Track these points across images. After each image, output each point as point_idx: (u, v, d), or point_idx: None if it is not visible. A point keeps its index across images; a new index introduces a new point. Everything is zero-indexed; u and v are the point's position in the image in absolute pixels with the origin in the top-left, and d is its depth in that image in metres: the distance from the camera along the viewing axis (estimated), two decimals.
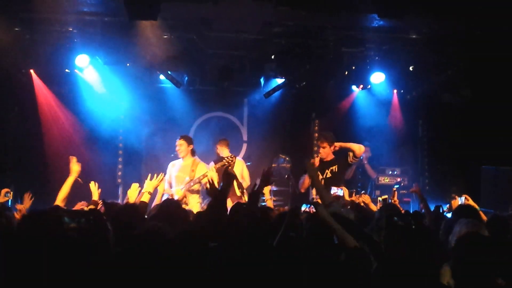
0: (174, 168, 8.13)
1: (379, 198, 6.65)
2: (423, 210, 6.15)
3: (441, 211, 5.96)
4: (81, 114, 10.02)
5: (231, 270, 3.11)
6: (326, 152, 7.33)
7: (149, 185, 5.85)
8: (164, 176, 6.19)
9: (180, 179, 7.88)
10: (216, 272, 3.06)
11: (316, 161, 7.30)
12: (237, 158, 9.17)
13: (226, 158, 7.83)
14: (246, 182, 8.53)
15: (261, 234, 3.62)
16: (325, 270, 3.10)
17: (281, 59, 9.43)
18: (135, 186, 5.79)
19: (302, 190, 7.55)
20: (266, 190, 5.89)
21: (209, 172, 7.31)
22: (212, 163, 8.12)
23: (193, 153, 8.11)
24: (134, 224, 3.72)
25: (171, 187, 7.93)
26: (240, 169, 8.73)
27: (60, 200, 5.65)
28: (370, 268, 3.32)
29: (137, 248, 2.87)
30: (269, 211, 5.07)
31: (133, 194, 5.69)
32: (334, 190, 6.56)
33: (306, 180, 7.32)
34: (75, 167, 5.90)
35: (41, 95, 9.82)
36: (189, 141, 8.11)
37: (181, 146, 8.04)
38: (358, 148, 7.24)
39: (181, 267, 2.87)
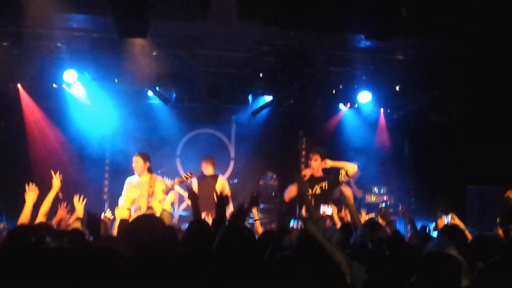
0: (131, 184, 8.08)
1: (366, 217, 6.64)
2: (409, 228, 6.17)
3: (427, 230, 5.97)
4: (68, 130, 9.98)
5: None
6: (317, 166, 7.33)
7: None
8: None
9: (137, 195, 7.78)
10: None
11: (307, 173, 7.29)
12: (220, 176, 9.17)
13: (184, 175, 7.88)
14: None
15: (248, 251, 3.61)
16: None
17: (269, 77, 9.49)
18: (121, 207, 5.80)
19: (286, 200, 7.52)
20: (255, 210, 5.91)
21: (158, 195, 7.50)
22: (167, 179, 8.08)
23: (150, 170, 8.09)
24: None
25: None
26: (220, 188, 8.73)
27: (41, 215, 5.62)
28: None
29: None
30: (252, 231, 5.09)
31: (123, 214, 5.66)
32: (324, 208, 6.54)
33: (292, 191, 7.30)
34: (56, 182, 5.90)
35: (28, 110, 9.77)
36: (145, 158, 8.07)
37: (137, 163, 7.99)
38: (352, 167, 7.23)
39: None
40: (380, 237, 3.82)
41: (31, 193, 5.70)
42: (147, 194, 7.81)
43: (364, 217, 6.27)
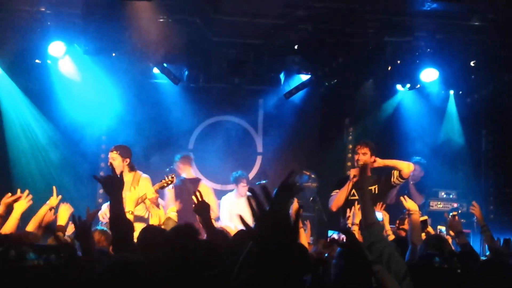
0: None
1: (439, 227, 6.58)
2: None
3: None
4: (55, 117, 10.08)
5: None
6: (366, 160, 7.31)
7: None
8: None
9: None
10: None
11: (355, 172, 7.26)
12: (202, 182, 9.01)
13: (166, 178, 7.83)
14: (214, 213, 8.47)
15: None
16: None
17: (306, 50, 9.43)
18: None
19: (334, 209, 7.52)
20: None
21: (148, 194, 7.45)
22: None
23: (131, 167, 8.08)
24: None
25: None
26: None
27: (33, 226, 5.80)
28: None
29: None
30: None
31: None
32: None
33: (340, 197, 7.25)
34: (53, 200, 6.10)
35: (5, 91, 9.90)
36: (124, 153, 8.02)
37: (114, 160, 7.92)
38: (407, 167, 7.20)
39: None
40: (451, 251, 3.78)
41: (22, 202, 5.87)
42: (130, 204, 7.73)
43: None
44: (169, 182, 7.75)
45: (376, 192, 7.32)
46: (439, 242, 4.93)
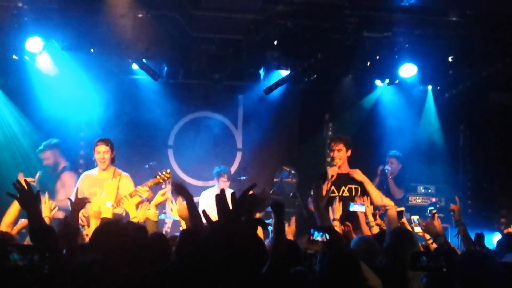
0: (87, 181, 7.95)
1: (412, 217, 6.62)
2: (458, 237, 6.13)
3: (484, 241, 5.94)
4: (33, 114, 10.00)
5: None
6: (342, 157, 7.31)
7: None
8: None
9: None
10: None
11: (334, 172, 7.25)
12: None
13: (160, 174, 7.70)
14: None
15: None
16: None
17: (286, 45, 9.42)
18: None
19: (312, 209, 7.51)
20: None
21: (140, 190, 7.30)
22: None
23: (113, 162, 8.01)
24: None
25: None
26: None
27: (5, 225, 5.76)
28: None
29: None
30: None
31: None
32: (355, 206, 6.54)
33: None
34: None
35: None
36: (112, 146, 7.96)
37: (105, 153, 7.86)
38: (378, 199, 6.87)
39: None
40: (438, 250, 3.82)
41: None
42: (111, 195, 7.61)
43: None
44: (165, 178, 7.66)
45: (358, 194, 7.28)
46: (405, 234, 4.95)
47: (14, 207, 5.92)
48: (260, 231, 6.12)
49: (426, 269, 3.64)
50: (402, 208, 6.84)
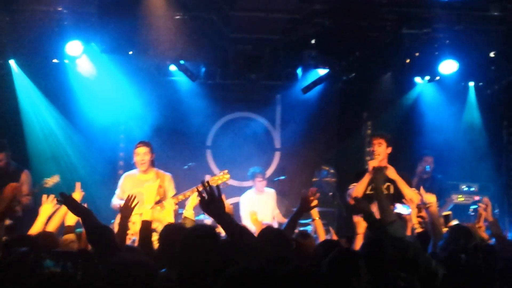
0: (130, 182, 7.96)
1: (444, 213, 6.52)
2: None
3: None
4: (73, 116, 10.16)
5: None
6: (381, 152, 7.24)
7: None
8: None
9: (143, 197, 7.73)
10: None
11: (374, 164, 7.16)
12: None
13: (218, 175, 7.82)
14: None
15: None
16: None
17: (323, 44, 9.41)
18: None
19: (352, 202, 7.44)
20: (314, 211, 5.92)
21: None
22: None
23: (153, 164, 8.02)
24: None
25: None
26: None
27: (52, 227, 5.84)
28: None
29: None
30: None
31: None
32: (399, 208, 6.45)
33: (358, 189, 7.11)
34: (77, 196, 6.09)
35: (23, 91, 9.98)
36: (152, 148, 7.98)
37: (145, 155, 7.87)
38: (412, 196, 6.66)
39: None
40: (476, 245, 3.76)
41: (47, 206, 5.95)
42: (158, 195, 7.58)
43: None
44: (224, 179, 7.78)
45: (391, 191, 7.19)
46: (463, 234, 4.88)
47: (61, 212, 5.97)
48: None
49: (464, 266, 3.58)
50: (449, 212, 6.73)
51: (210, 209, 3.66)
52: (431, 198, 6.08)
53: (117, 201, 7.90)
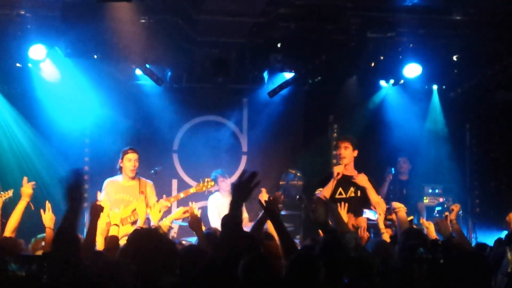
0: (112, 187, 8.02)
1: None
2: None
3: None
4: (37, 121, 10.01)
5: None
6: (348, 155, 7.29)
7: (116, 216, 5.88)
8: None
9: (125, 203, 7.78)
10: None
11: (340, 170, 7.22)
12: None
13: (202, 182, 7.93)
14: None
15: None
16: None
17: (289, 48, 9.45)
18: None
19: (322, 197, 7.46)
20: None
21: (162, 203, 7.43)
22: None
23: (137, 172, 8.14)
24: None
25: None
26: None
27: (9, 230, 5.75)
28: None
29: None
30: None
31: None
32: (367, 212, 6.51)
33: (324, 194, 7.15)
34: (26, 190, 6.00)
35: None
36: (139, 156, 8.12)
37: (136, 162, 7.98)
38: (378, 204, 6.80)
39: None
40: (434, 241, 3.86)
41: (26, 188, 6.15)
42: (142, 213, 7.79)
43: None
44: (209, 187, 8.08)
45: (358, 194, 7.25)
46: (419, 234, 4.96)
47: (17, 212, 5.92)
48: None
49: (423, 261, 3.65)
50: (411, 217, 6.82)
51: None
52: (398, 204, 6.19)
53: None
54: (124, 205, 7.61)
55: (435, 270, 3.48)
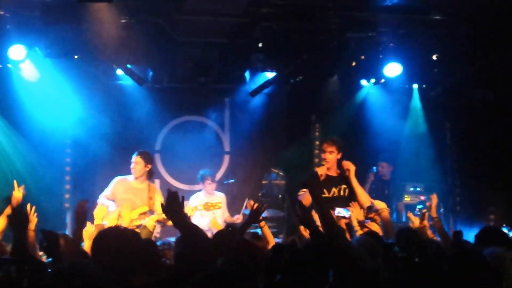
0: (122, 186, 8.14)
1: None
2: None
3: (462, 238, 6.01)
4: (17, 121, 9.95)
5: None
6: (332, 159, 7.32)
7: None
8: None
9: (132, 203, 7.90)
10: None
11: (322, 171, 7.26)
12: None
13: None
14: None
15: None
16: None
17: (271, 47, 9.46)
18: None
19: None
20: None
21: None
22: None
23: (150, 175, 8.26)
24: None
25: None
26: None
27: None
28: None
29: None
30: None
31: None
32: (339, 210, 6.55)
33: (307, 198, 7.22)
34: (16, 194, 5.99)
35: None
36: (148, 159, 8.22)
37: (137, 164, 8.13)
38: (364, 201, 6.91)
39: None
40: (410, 241, 3.89)
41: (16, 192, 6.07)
42: (144, 205, 7.95)
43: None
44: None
45: (347, 194, 7.28)
46: (411, 234, 5.01)
47: (4, 215, 5.88)
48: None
49: (398, 260, 3.69)
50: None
51: (168, 212, 3.75)
52: (381, 204, 6.23)
53: (105, 200, 8.09)
54: (129, 206, 7.78)
55: (410, 269, 3.52)
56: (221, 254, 3.90)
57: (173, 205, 3.74)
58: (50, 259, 4.46)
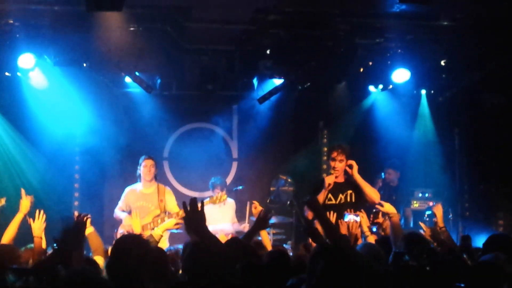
0: (133, 195, 8.26)
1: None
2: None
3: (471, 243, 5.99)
4: (26, 129, 10.00)
5: None
6: (341, 168, 7.32)
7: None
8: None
9: (146, 210, 8.01)
10: None
11: (331, 180, 7.27)
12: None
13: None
14: None
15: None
16: None
17: (279, 54, 9.49)
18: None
19: (310, 217, 7.46)
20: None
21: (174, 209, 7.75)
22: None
23: (156, 178, 8.37)
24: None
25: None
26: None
27: (5, 242, 5.75)
28: None
29: None
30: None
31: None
32: (349, 217, 6.53)
33: (309, 214, 7.24)
34: (25, 203, 6.01)
35: None
36: (155, 162, 8.39)
37: (151, 167, 8.25)
38: (374, 196, 7.03)
39: None
40: (420, 249, 3.88)
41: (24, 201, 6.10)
42: (157, 209, 8.04)
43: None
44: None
45: (353, 200, 7.28)
46: (419, 239, 4.99)
47: (14, 225, 5.92)
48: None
49: (409, 268, 3.68)
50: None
51: (191, 221, 3.79)
52: (391, 209, 6.21)
53: (119, 213, 8.27)
54: (144, 213, 7.91)
55: (421, 277, 3.50)
56: (235, 261, 3.89)
57: (196, 214, 3.78)
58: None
